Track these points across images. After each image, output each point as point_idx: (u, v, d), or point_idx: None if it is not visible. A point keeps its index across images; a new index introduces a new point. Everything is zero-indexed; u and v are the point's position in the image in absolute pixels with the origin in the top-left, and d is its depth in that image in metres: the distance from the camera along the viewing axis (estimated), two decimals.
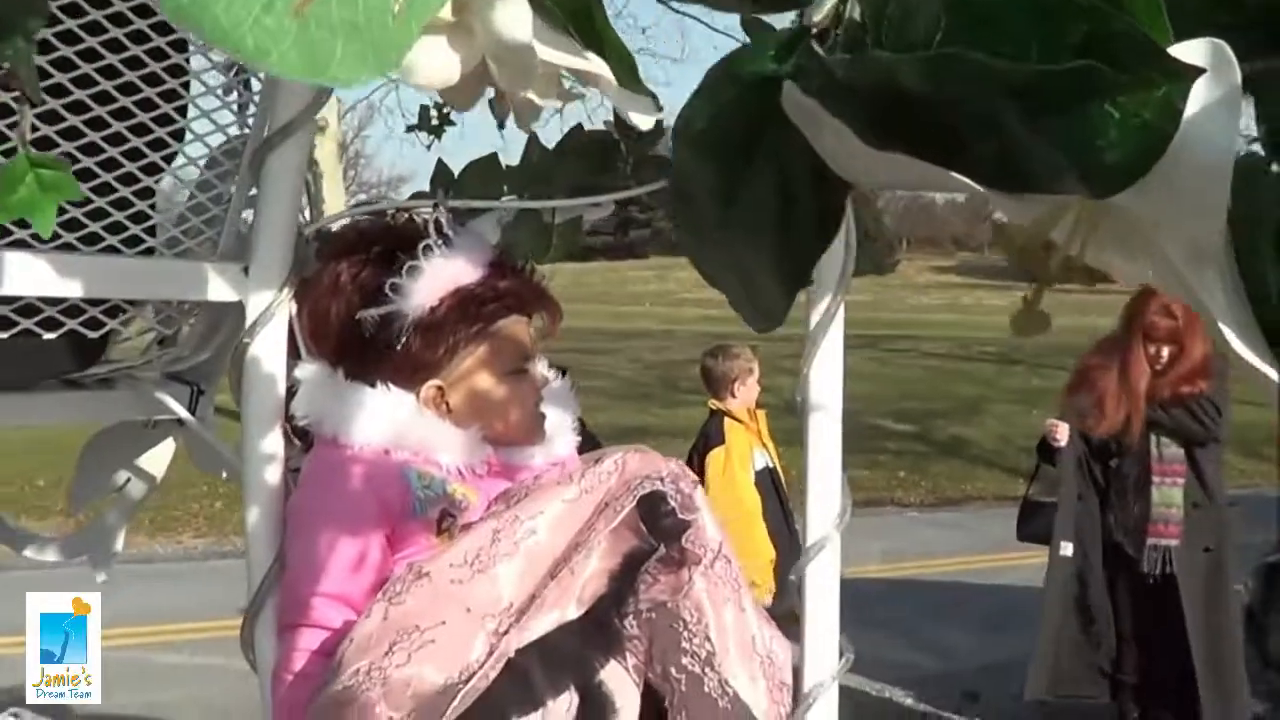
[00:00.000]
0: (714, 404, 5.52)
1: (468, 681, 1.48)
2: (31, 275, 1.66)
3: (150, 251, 1.86)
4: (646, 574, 1.65)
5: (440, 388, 1.77)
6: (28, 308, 1.73)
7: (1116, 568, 5.18)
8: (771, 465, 5.47)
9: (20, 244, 1.67)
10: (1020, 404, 15.68)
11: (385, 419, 1.73)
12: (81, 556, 2.39)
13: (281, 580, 1.76)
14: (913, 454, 13.81)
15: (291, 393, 1.81)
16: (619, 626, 1.66)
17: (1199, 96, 0.36)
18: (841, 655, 2.09)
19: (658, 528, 1.62)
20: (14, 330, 1.72)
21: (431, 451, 1.73)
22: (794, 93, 0.39)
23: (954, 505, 12.37)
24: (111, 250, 1.78)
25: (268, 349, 1.82)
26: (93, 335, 1.83)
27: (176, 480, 2.84)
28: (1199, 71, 0.35)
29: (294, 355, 1.86)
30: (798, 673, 2.09)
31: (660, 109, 0.54)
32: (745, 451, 5.40)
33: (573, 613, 1.56)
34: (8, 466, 10.97)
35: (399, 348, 1.74)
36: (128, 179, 1.78)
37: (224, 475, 2.18)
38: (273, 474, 1.84)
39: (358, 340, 1.76)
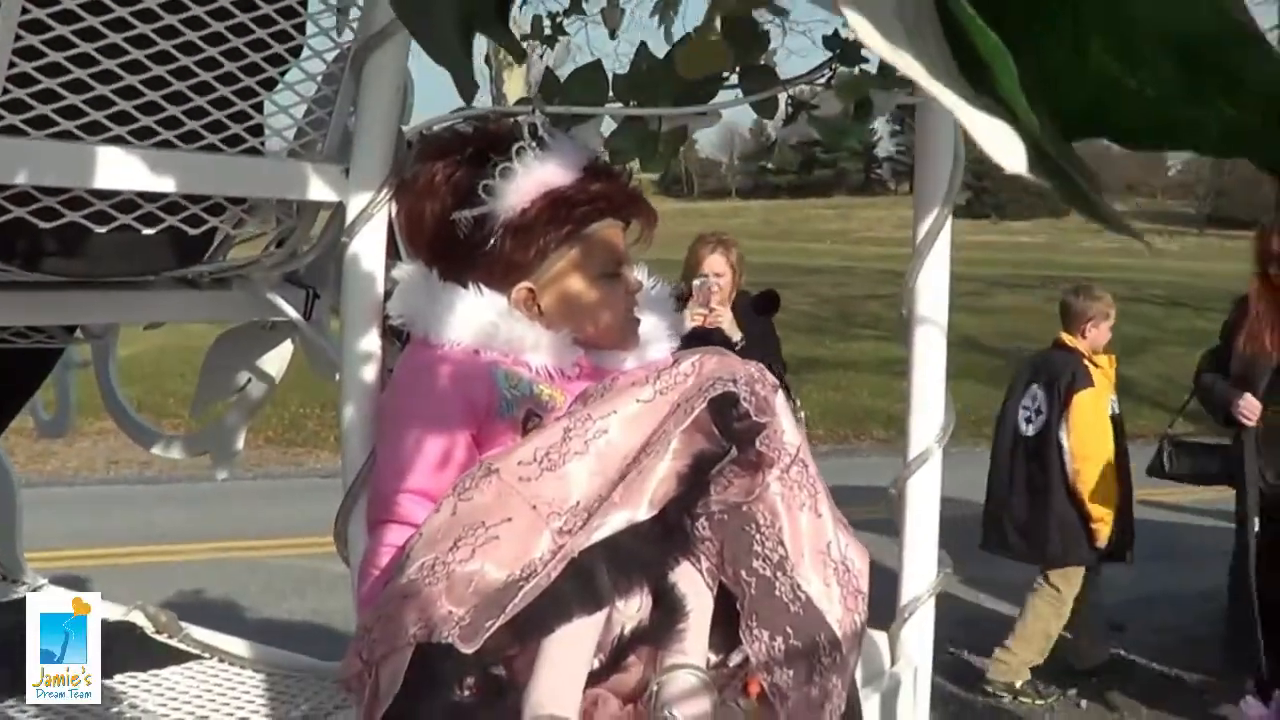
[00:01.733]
0: (1066, 338, 5.57)
1: (529, 579, 1.48)
2: (127, 170, 1.70)
3: (254, 151, 1.89)
4: (722, 476, 1.64)
5: (531, 289, 1.77)
6: (126, 203, 1.77)
7: None
8: (1118, 412, 5.54)
9: (118, 140, 1.71)
10: (1185, 345, 15.39)
11: (475, 319, 1.74)
12: (204, 454, 2.45)
13: (371, 477, 1.79)
14: None
15: (390, 294, 1.83)
16: (690, 529, 1.65)
17: None
18: (939, 570, 2.08)
19: (730, 430, 1.60)
20: (112, 225, 1.76)
21: (520, 352, 1.74)
22: None
23: None
24: (211, 149, 1.82)
25: (367, 249, 1.85)
26: (193, 232, 1.86)
27: None
28: None
29: (395, 256, 1.88)
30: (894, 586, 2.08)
31: None
32: (1104, 396, 5.50)
33: (644, 514, 1.55)
34: (144, 370, 11.35)
35: (491, 248, 1.75)
36: (227, 78, 1.80)
37: (337, 378, 2.22)
38: (370, 373, 1.87)
39: (451, 241, 1.77)
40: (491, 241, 1.75)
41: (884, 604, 2.01)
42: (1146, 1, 0.32)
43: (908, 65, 0.33)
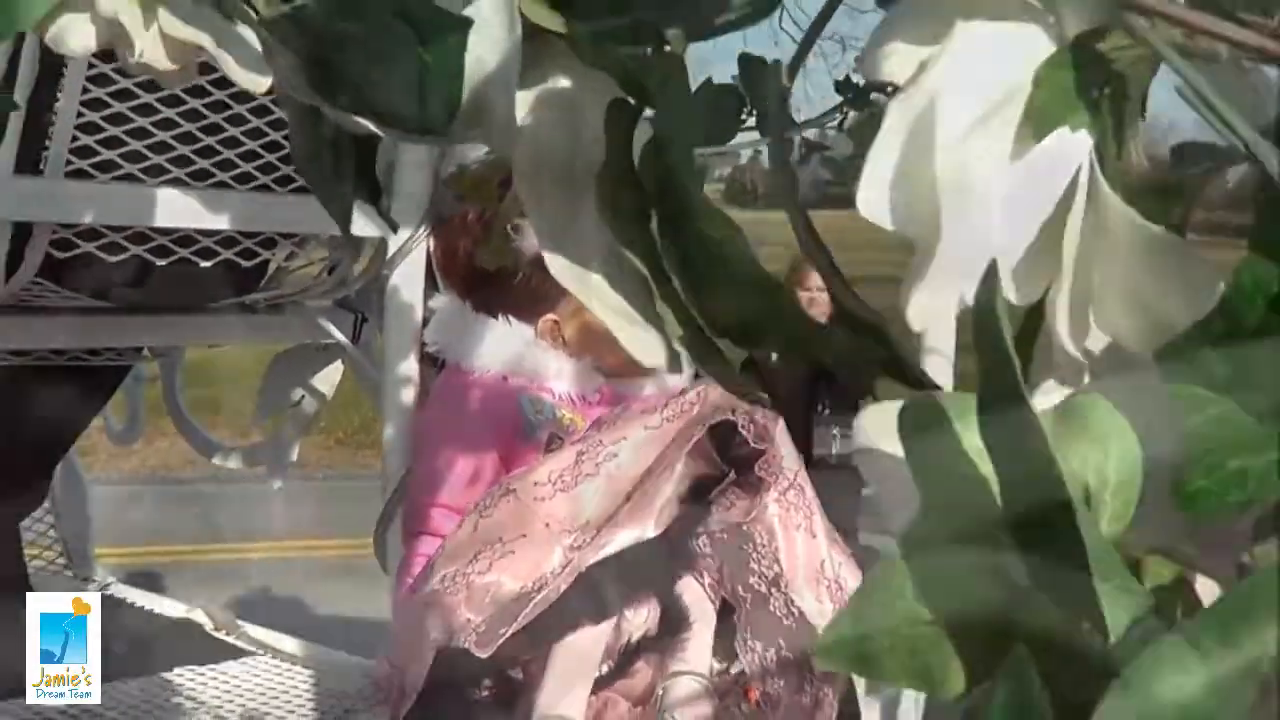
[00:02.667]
0: None
1: (540, 591, 1.62)
2: (186, 209, 1.86)
3: (303, 191, 2.04)
4: (724, 498, 1.77)
5: (555, 321, 1.90)
6: (185, 239, 1.93)
7: None
8: None
9: (177, 182, 1.87)
10: None
11: (504, 348, 1.87)
12: (261, 466, 2.62)
13: (407, 491, 1.94)
14: None
15: (428, 322, 1.98)
16: (692, 546, 1.78)
17: (492, 47, 0.44)
18: None
19: (729, 456, 1.73)
20: (172, 259, 1.92)
21: (544, 379, 1.87)
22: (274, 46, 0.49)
23: None
24: (264, 189, 1.97)
25: (406, 281, 2.00)
26: (247, 265, 2.02)
27: None
28: (467, 22, 0.42)
29: (434, 288, 2.03)
30: None
31: None
32: None
33: (650, 532, 1.68)
34: (220, 373, 11.56)
35: (518, 283, 1.88)
36: (278, 124, 1.96)
37: None
38: (408, 395, 2.01)
39: (482, 275, 1.91)
40: (519, 276, 1.88)
41: None
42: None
43: (585, 287, 0.46)
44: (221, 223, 1.91)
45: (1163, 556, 0.31)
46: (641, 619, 1.77)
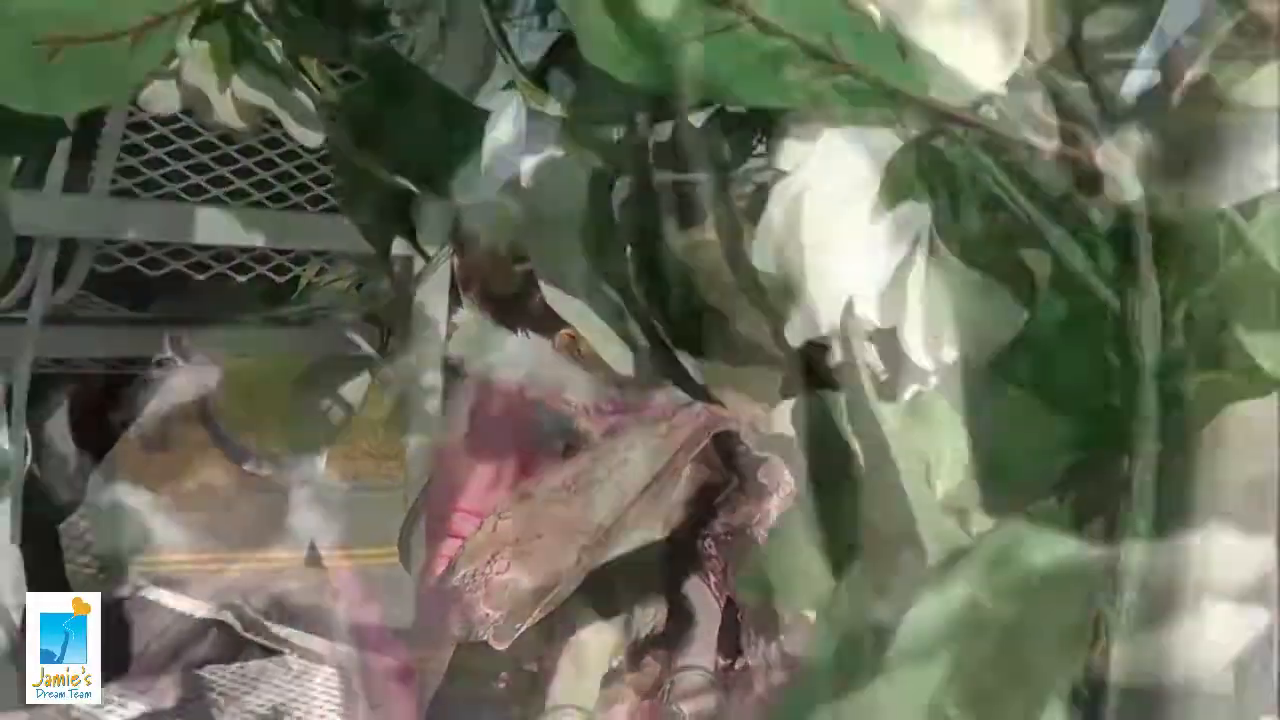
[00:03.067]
0: None
1: (554, 588, 1.72)
2: (223, 227, 1.97)
3: (334, 210, 2.15)
4: (729, 502, 1.86)
5: (572, 335, 1.99)
6: (222, 254, 2.04)
7: None
8: None
9: (216, 201, 1.98)
10: None
11: (523, 361, 1.97)
12: (289, 474, 2.73)
13: (430, 496, 2.04)
14: None
15: (451, 336, 2.08)
16: (698, 548, 1.88)
17: (504, 129, 0.56)
18: None
19: (733, 463, 1.83)
20: (209, 273, 2.04)
21: (562, 391, 1.97)
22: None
23: None
24: (297, 208, 2.08)
25: (431, 297, 2.11)
26: (280, 280, 2.14)
27: None
28: (485, 112, 0.54)
29: (457, 303, 2.14)
30: None
31: None
32: None
33: (659, 534, 1.78)
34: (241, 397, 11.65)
35: (536, 300, 1.99)
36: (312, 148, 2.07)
37: None
38: (432, 405, 2.12)
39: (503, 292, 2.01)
40: (536, 294, 1.98)
41: None
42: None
43: (572, 310, 0.57)
44: (257, 239, 2.02)
45: (983, 510, 0.41)
46: (650, 616, 1.86)
